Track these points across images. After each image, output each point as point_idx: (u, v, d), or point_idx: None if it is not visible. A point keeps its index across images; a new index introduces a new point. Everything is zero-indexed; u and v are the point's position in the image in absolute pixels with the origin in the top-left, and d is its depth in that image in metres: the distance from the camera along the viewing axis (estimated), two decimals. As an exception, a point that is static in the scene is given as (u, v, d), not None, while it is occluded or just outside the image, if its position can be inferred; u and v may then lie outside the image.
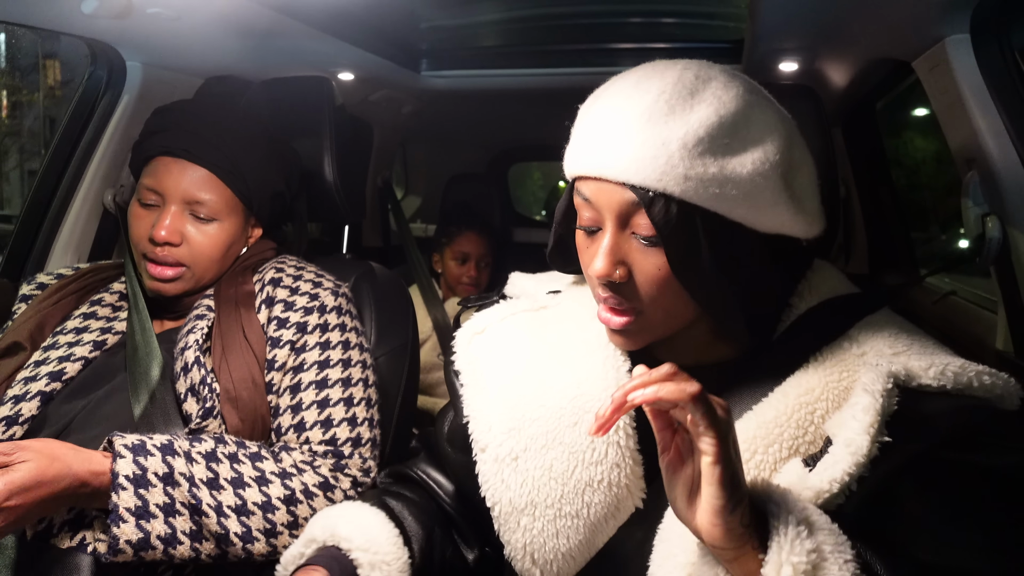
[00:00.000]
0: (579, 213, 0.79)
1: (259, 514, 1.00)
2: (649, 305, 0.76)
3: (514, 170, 3.71)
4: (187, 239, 1.19)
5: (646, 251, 0.74)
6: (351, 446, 1.13)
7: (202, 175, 1.19)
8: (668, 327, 0.80)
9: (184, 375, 1.11)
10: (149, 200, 1.19)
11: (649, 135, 0.71)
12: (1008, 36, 1.20)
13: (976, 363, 0.73)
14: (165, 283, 1.19)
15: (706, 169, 0.71)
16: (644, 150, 0.71)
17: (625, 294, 0.76)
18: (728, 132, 0.72)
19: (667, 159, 0.70)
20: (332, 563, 0.87)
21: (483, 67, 2.19)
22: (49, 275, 1.31)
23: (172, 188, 1.18)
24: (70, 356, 1.15)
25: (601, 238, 0.76)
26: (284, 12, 1.43)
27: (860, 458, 0.66)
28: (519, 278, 1.07)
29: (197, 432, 1.07)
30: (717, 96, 0.73)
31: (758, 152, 0.73)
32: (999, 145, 1.18)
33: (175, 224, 1.18)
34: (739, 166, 0.72)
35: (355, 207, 1.52)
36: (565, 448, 0.81)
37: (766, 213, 0.75)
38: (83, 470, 0.91)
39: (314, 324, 1.19)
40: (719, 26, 2.06)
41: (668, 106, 0.72)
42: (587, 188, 0.76)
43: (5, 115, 13.01)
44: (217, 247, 1.21)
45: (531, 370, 0.88)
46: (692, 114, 0.72)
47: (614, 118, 0.74)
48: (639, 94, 0.74)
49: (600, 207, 0.75)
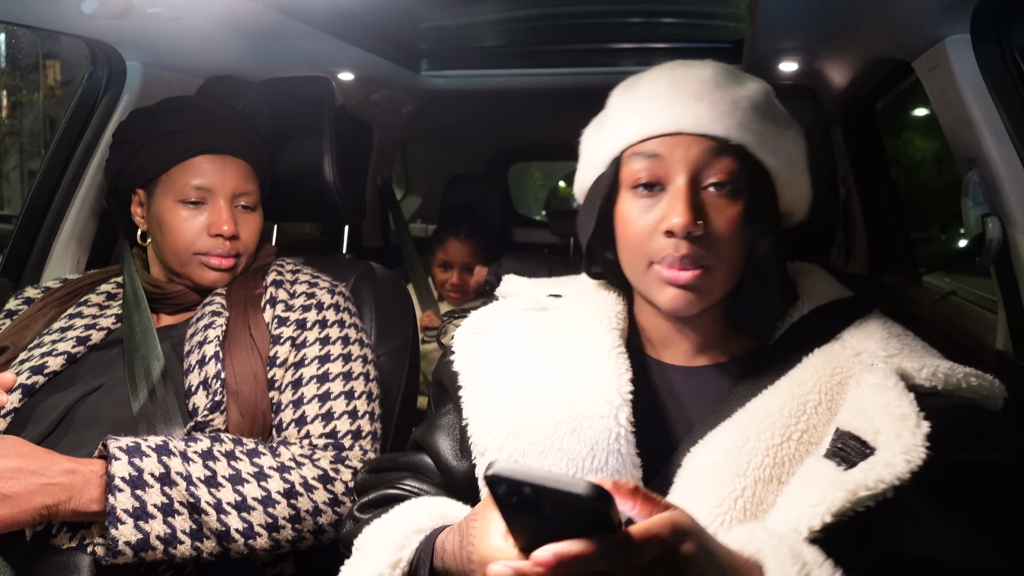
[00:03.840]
0: (634, 177, 0.82)
1: (260, 509, 1.00)
2: (717, 260, 0.79)
3: (514, 170, 3.72)
4: (239, 231, 1.27)
5: (719, 202, 0.79)
6: (352, 438, 1.14)
7: (245, 168, 1.28)
8: (724, 289, 0.82)
9: (199, 368, 1.12)
10: (197, 198, 1.23)
11: (721, 96, 0.80)
12: (1008, 36, 1.20)
13: (964, 366, 0.77)
14: (225, 272, 1.26)
15: (767, 127, 0.81)
16: (721, 107, 0.79)
17: (702, 247, 0.78)
18: (773, 103, 0.85)
19: (743, 113, 0.80)
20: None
21: (483, 67, 2.19)
22: (37, 288, 1.33)
23: (221, 184, 1.24)
24: (52, 351, 1.16)
25: (666, 196, 0.80)
26: (284, 12, 1.44)
27: (914, 467, 0.66)
28: (514, 280, 1.07)
29: (203, 425, 1.08)
30: (755, 78, 0.86)
31: (794, 124, 0.86)
32: (999, 145, 1.19)
33: (232, 217, 1.25)
34: (784, 130, 0.84)
35: (355, 207, 1.52)
36: (563, 455, 0.80)
37: (799, 178, 0.85)
38: (69, 464, 0.92)
39: (313, 320, 1.21)
40: (719, 26, 2.07)
41: (727, 77, 0.83)
42: (655, 146, 0.81)
43: (5, 115, 13.01)
44: (258, 234, 1.32)
45: (531, 374, 0.88)
46: (748, 84, 0.84)
47: (680, 85, 0.81)
48: (694, 70, 0.83)
49: (673, 162, 0.80)
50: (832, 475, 0.68)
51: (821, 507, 0.65)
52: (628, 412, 0.79)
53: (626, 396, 0.80)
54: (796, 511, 0.66)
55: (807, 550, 0.61)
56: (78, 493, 0.92)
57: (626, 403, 0.80)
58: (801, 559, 0.60)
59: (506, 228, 3.02)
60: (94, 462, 0.95)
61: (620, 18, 2.05)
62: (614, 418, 0.79)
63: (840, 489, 0.66)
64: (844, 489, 0.66)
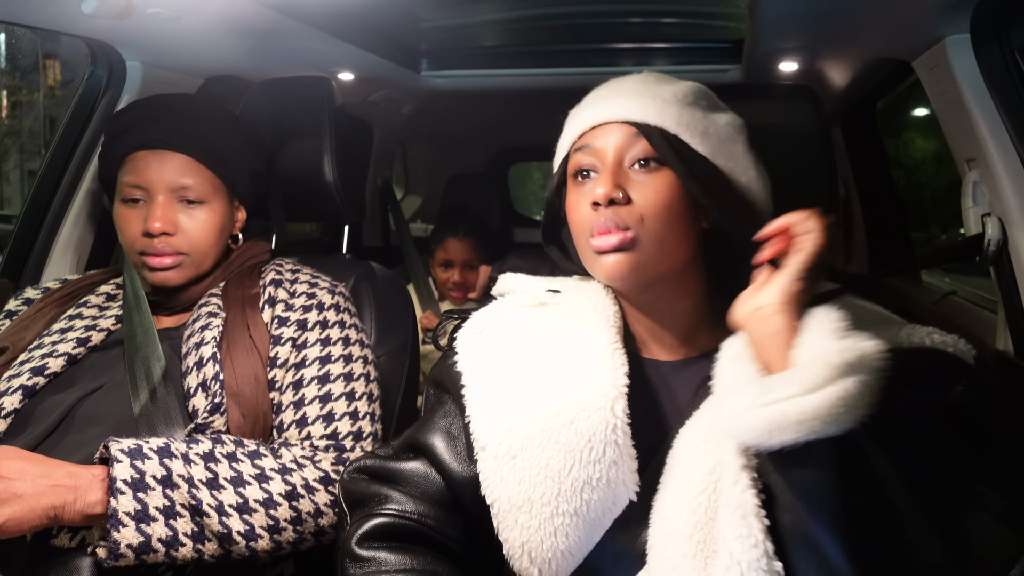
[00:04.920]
0: (575, 168, 0.91)
1: (261, 511, 1.00)
2: (644, 225, 0.85)
3: (514, 170, 3.72)
4: (180, 228, 1.20)
5: (644, 178, 0.87)
6: (352, 440, 1.14)
7: (182, 161, 1.21)
8: (661, 264, 0.87)
9: (197, 370, 1.12)
10: (134, 196, 1.20)
11: (646, 91, 0.91)
12: (1008, 36, 1.20)
13: (927, 327, 0.83)
14: (167, 271, 1.20)
15: (693, 114, 0.90)
16: (644, 99, 0.89)
17: (623, 214, 0.85)
18: (705, 96, 0.94)
19: (663, 103, 0.89)
20: None
21: (483, 67, 2.18)
22: (36, 289, 1.33)
23: (155, 179, 1.19)
24: (53, 352, 1.16)
25: (598, 176, 0.88)
26: (284, 12, 1.43)
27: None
28: (511, 277, 1.07)
29: (203, 427, 1.08)
30: (690, 83, 0.95)
31: (728, 115, 0.94)
32: (999, 145, 1.18)
33: (167, 214, 1.19)
34: (717, 119, 0.92)
35: (355, 207, 1.52)
36: (561, 447, 0.81)
37: (739, 163, 0.91)
38: (70, 468, 0.92)
39: (314, 321, 1.20)
40: (719, 26, 2.06)
41: (656, 78, 0.95)
42: (590, 138, 0.90)
43: (5, 115, 13.01)
44: (211, 230, 1.23)
45: (530, 368, 0.89)
46: (677, 83, 0.94)
47: (613, 88, 0.94)
48: (629, 77, 0.95)
49: (603, 148, 0.89)
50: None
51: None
52: (624, 404, 0.81)
53: (622, 389, 0.82)
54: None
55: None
56: (82, 495, 0.92)
57: (622, 395, 0.82)
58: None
59: (506, 228, 3.02)
60: (95, 466, 0.95)
61: (620, 18, 2.05)
62: (610, 409, 0.81)
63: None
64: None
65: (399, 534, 0.89)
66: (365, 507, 0.92)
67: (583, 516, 0.81)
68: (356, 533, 0.89)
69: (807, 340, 0.71)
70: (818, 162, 1.14)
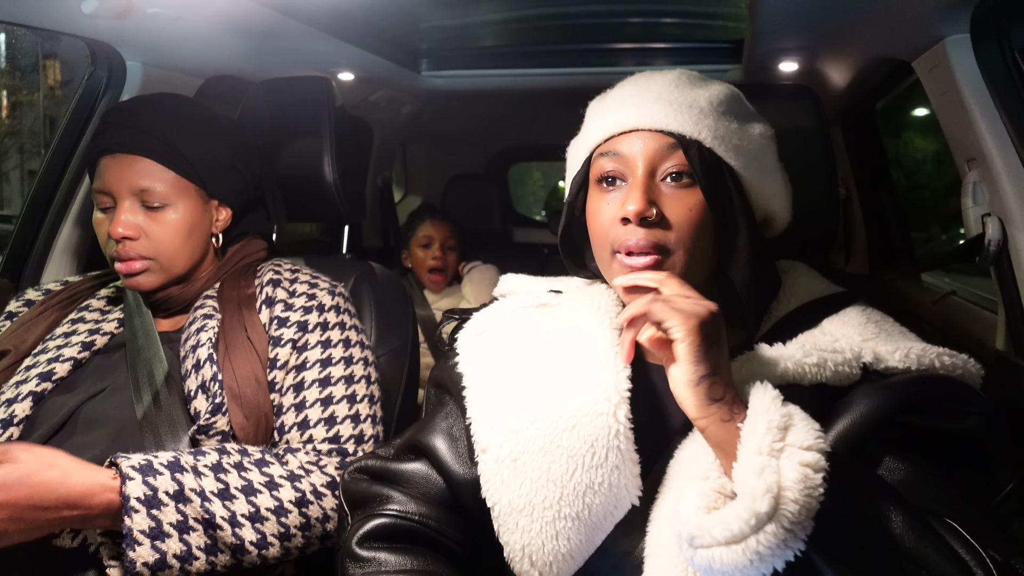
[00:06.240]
0: (599, 173, 0.87)
1: (273, 519, 1.00)
2: (677, 246, 0.82)
3: (514, 170, 3.72)
4: (144, 232, 1.17)
5: (676, 193, 0.83)
6: (354, 443, 1.14)
7: (140, 163, 1.17)
8: (686, 279, 0.81)
9: (195, 372, 1.11)
10: (103, 204, 1.19)
11: (679, 96, 0.86)
12: (1008, 36, 1.20)
13: (937, 346, 0.81)
14: (136, 277, 1.18)
15: (728, 126, 0.86)
16: (678, 106, 0.85)
17: (657, 235, 0.82)
18: (738, 103, 0.90)
19: (699, 112, 0.85)
20: None
21: (483, 67, 2.18)
22: (37, 290, 1.32)
23: (116, 184, 1.17)
24: (59, 357, 1.15)
25: (626, 187, 0.85)
26: (284, 12, 1.43)
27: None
28: (512, 279, 1.07)
29: (206, 428, 1.07)
30: (721, 82, 0.91)
31: (760, 125, 0.91)
32: (999, 145, 1.19)
33: (128, 219, 1.16)
34: (750, 129, 0.89)
35: (355, 207, 1.52)
36: (563, 451, 0.81)
37: (767, 176, 0.89)
38: (85, 481, 0.90)
39: (314, 323, 1.20)
40: (719, 26, 2.07)
41: (689, 81, 0.90)
42: (617, 144, 0.86)
43: (5, 115, 13.02)
44: (177, 233, 1.19)
45: (532, 370, 0.88)
46: (710, 87, 0.90)
47: (644, 87, 0.89)
48: (659, 76, 0.90)
49: (632, 156, 0.84)
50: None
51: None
52: (626, 409, 0.80)
53: (624, 394, 0.81)
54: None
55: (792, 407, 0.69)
56: (89, 523, 0.93)
57: (624, 400, 0.81)
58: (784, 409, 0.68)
59: (506, 228, 3.02)
60: (105, 487, 0.92)
61: (620, 18, 2.06)
62: (613, 415, 0.80)
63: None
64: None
65: (400, 535, 0.89)
66: (366, 507, 0.92)
67: (585, 520, 0.80)
68: (357, 533, 0.88)
69: (744, 447, 0.67)
70: (818, 162, 1.14)
